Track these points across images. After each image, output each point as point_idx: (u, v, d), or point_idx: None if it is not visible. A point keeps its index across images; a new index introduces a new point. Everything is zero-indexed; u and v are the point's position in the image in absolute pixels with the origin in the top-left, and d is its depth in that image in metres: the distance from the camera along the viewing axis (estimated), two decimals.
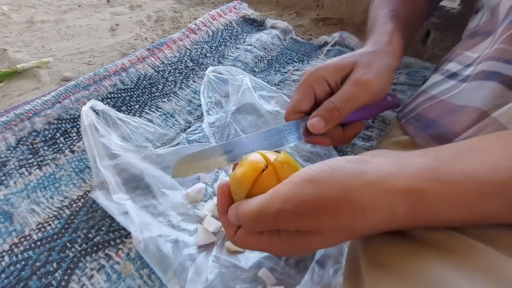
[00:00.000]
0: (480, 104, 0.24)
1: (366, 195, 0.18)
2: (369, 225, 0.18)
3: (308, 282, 0.29)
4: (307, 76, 0.31)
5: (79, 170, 0.41)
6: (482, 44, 0.30)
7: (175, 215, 0.36)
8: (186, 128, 0.48)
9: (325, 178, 0.19)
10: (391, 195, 0.18)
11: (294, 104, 0.31)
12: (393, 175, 0.18)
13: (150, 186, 0.37)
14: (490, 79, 0.25)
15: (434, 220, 0.18)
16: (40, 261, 0.33)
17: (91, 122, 0.36)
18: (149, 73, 0.56)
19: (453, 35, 0.61)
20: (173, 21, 0.80)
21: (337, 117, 0.28)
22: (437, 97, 0.30)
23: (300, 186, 0.19)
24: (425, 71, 0.58)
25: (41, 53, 0.67)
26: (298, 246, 0.20)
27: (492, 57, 0.26)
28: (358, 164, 0.19)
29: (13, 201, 0.37)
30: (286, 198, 0.19)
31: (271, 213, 0.20)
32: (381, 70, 0.30)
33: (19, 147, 0.43)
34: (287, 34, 0.70)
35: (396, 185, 0.18)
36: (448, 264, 0.16)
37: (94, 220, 0.36)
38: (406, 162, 0.19)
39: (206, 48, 0.64)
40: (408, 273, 0.17)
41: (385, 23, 0.36)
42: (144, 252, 0.31)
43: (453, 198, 0.17)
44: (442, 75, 0.33)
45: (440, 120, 0.27)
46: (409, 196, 0.17)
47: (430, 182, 0.17)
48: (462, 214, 0.17)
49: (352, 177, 0.18)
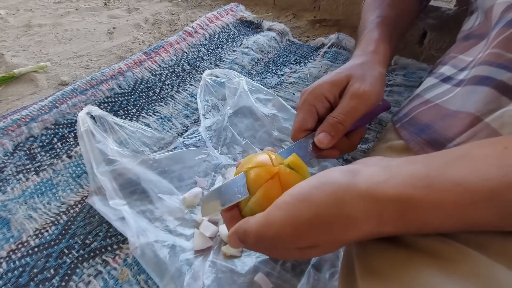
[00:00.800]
0: (473, 109, 0.24)
1: (358, 206, 0.18)
2: (361, 234, 0.19)
3: (305, 286, 0.30)
4: (307, 95, 0.32)
5: (77, 176, 0.41)
6: (476, 48, 0.30)
7: (172, 220, 0.36)
8: (183, 132, 0.48)
9: (317, 195, 0.19)
10: (381, 204, 0.18)
11: (299, 124, 0.32)
12: (383, 184, 0.18)
13: (146, 191, 0.37)
14: (483, 84, 0.25)
15: (426, 227, 0.18)
16: (37, 267, 0.33)
17: (88, 128, 0.37)
18: (146, 77, 0.56)
19: (450, 36, 0.61)
20: (170, 24, 0.80)
21: (341, 130, 0.30)
22: (431, 101, 0.30)
23: (293, 207, 0.20)
24: (422, 72, 0.58)
25: (38, 57, 0.67)
26: (294, 257, 0.21)
27: (485, 61, 0.26)
28: (349, 176, 0.20)
29: (11, 207, 0.38)
30: (280, 224, 0.20)
31: (267, 239, 0.21)
32: (374, 80, 0.31)
33: (16, 152, 0.43)
34: (284, 36, 0.70)
35: (386, 193, 0.18)
36: (440, 271, 0.16)
37: (92, 226, 0.36)
38: (397, 171, 0.19)
39: (203, 51, 0.64)
40: (401, 280, 0.17)
41: (372, 30, 0.37)
42: (140, 258, 0.31)
43: (444, 206, 0.17)
44: (437, 79, 0.33)
45: (434, 125, 0.27)
46: (400, 204, 0.18)
47: (421, 189, 0.17)
48: (453, 222, 0.17)
49: (343, 190, 0.19)
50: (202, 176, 0.41)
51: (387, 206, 0.18)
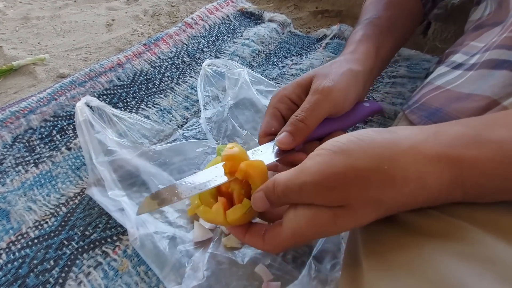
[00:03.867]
0: (490, 92, 0.24)
1: (398, 164, 0.17)
2: (398, 197, 0.17)
3: (305, 277, 0.29)
4: (271, 98, 0.31)
5: (76, 168, 0.41)
6: (488, 33, 0.30)
7: (171, 212, 0.36)
8: (183, 124, 0.48)
9: (354, 149, 0.18)
10: (423, 164, 0.17)
11: (264, 128, 0.31)
12: (424, 143, 0.17)
13: (146, 183, 0.37)
14: (501, 67, 0.24)
15: (482, 190, 0.17)
16: (37, 258, 0.33)
17: (86, 118, 0.36)
18: (146, 69, 0.56)
19: (454, 26, 0.59)
20: (170, 16, 0.79)
21: (303, 128, 0.28)
22: (442, 87, 0.30)
23: (327, 158, 0.18)
24: (426, 63, 0.57)
25: (36, 50, 0.67)
26: (324, 225, 0.19)
27: (502, 45, 0.25)
28: (388, 134, 0.19)
29: (10, 199, 0.37)
30: (311, 172, 0.19)
31: (296, 190, 0.19)
32: (340, 76, 0.29)
33: (15, 144, 0.43)
34: (285, 27, 0.69)
35: (429, 152, 0.17)
36: (453, 255, 0.16)
37: (91, 218, 0.36)
38: (437, 130, 0.18)
39: (203, 42, 0.63)
40: (410, 265, 0.16)
41: (356, 32, 0.36)
42: (140, 249, 0.31)
43: (501, 166, 0.16)
44: (448, 67, 0.32)
45: (445, 108, 0.27)
46: (446, 165, 0.17)
47: (473, 149, 0.16)
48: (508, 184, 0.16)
49: (383, 146, 0.18)
50: (202, 169, 0.41)
51: (429, 166, 0.17)
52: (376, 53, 0.34)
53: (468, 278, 0.14)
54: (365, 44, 0.34)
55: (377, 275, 0.18)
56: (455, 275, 0.15)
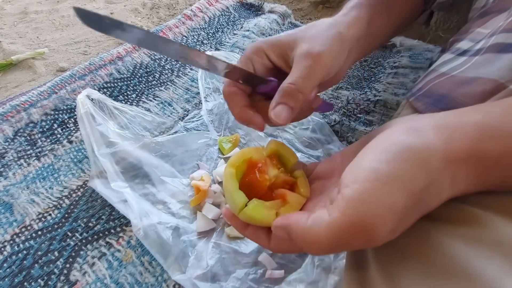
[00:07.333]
0: (497, 75, 0.23)
1: (439, 169, 0.16)
2: (437, 204, 0.17)
3: (309, 266, 0.29)
4: (247, 48, 0.28)
5: (78, 160, 0.41)
6: (494, 20, 0.29)
7: (174, 203, 0.36)
8: (184, 116, 0.48)
9: (402, 168, 0.16)
10: (457, 162, 0.16)
11: None
12: (453, 141, 0.17)
13: (149, 175, 0.37)
14: (508, 51, 0.24)
15: (499, 183, 0.17)
16: (41, 250, 0.33)
17: (88, 110, 0.36)
18: (145, 62, 0.55)
19: (458, 16, 0.59)
20: (169, 8, 0.78)
21: (301, 100, 0.24)
22: (447, 73, 0.29)
23: (379, 193, 0.16)
24: (428, 54, 0.56)
25: (35, 44, 0.66)
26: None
27: (508, 29, 0.25)
28: (419, 136, 0.17)
29: (13, 192, 0.37)
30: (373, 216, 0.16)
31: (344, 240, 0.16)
32: (329, 38, 0.26)
33: (16, 138, 0.43)
34: (286, 18, 0.68)
35: (453, 156, 0.16)
36: (461, 240, 0.15)
37: (94, 209, 0.36)
38: (456, 123, 0.17)
39: (203, 34, 0.63)
40: (418, 249, 0.16)
41: (350, 0, 0.33)
42: (144, 239, 0.31)
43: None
44: (453, 54, 0.32)
45: (451, 93, 0.26)
46: (470, 164, 0.16)
47: (497, 142, 0.16)
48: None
49: (426, 154, 0.16)
50: (204, 161, 0.41)
51: (462, 164, 0.16)
52: (368, 23, 0.31)
53: (476, 261, 0.14)
54: (358, 10, 0.30)
55: (383, 260, 0.17)
56: (463, 258, 0.15)
